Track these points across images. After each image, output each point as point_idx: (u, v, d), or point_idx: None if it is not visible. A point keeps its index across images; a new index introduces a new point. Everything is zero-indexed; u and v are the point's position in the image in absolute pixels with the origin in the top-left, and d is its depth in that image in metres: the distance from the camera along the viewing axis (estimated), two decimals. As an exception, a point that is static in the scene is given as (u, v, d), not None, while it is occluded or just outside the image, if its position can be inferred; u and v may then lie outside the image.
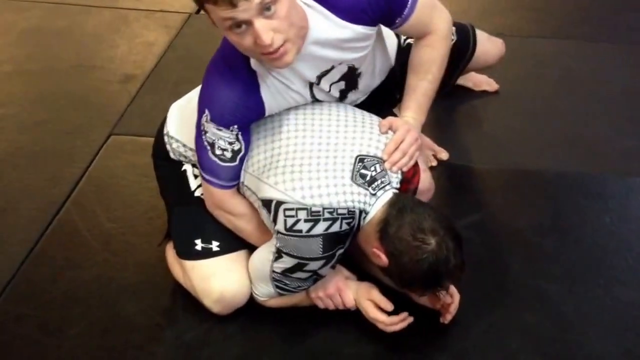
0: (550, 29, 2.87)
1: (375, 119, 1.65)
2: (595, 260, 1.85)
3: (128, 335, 1.65)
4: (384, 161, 1.56)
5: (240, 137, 1.54)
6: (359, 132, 1.59)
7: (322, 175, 1.50)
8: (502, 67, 2.62)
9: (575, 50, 2.73)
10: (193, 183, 1.70)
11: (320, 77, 1.58)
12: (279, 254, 1.53)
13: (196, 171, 1.70)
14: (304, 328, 1.67)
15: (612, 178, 2.12)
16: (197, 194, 1.69)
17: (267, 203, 1.52)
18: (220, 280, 1.63)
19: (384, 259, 1.49)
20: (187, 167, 1.73)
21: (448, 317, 1.64)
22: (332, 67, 1.58)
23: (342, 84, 1.64)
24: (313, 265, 1.53)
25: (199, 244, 1.65)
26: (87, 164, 2.14)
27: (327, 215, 1.47)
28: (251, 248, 1.68)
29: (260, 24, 1.31)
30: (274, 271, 1.56)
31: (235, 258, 1.66)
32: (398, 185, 1.57)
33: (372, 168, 1.54)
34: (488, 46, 2.09)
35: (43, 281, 1.78)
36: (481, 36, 2.05)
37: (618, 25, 2.86)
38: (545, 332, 1.67)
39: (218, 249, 1.65)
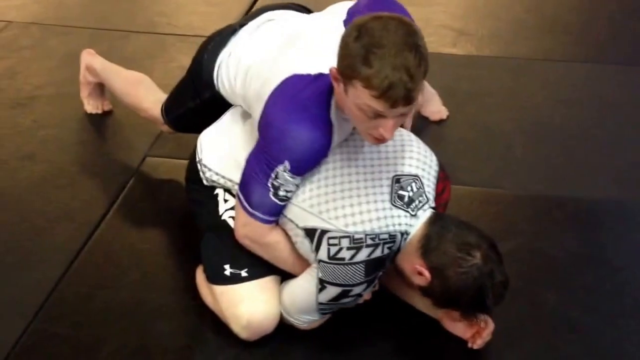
0: (583, 53, 2.81)
1: (405, 134, 1.63)
2: (635, 291, 1.77)
3: (159, 357, 1.62)
4: (420, 179, 1.54)
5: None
6: (392, 151, 1.57)
7: (362, 200, 1.48)
8: (534, 92, 2.57)
9: (609, 74, 2.65)
10: (222, 207, 1.67)
11: None
12: (322, 285, 1.51)
13: (227, 196, 1.68)
14: (334, 350, 1.63)
15: (650, 206, 2.03)
16: (224, 217, 1.66)
17: (310, 232, 1.50)
18: (248, 306, 1.59)
19: (426, 275, 1.46)
20: (220, 192, 1.70)
21: (479, 342, 1.58)
22: None
23: None
24: (357, 290, 1.52)
25: (227, 270, 1.62)
26: (122, 185, 2.13)
27: (369, 241, 1.46)
28: (280, 273, 1.64)
29: (392, 122, 1.37)
30: (320, 302, 1.54)
31: (263, 284, 1.62)
32: (434, 204, 1.55)
33: (409, 188, 1.52)
34: None
35: (77, 301, 1.77)
36: None
37: (653, 48, 2.77)
38: (585, 365, 1.60)
39: (247, 274, 1.62)
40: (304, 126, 1.45)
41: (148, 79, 2.19)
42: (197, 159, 1.71)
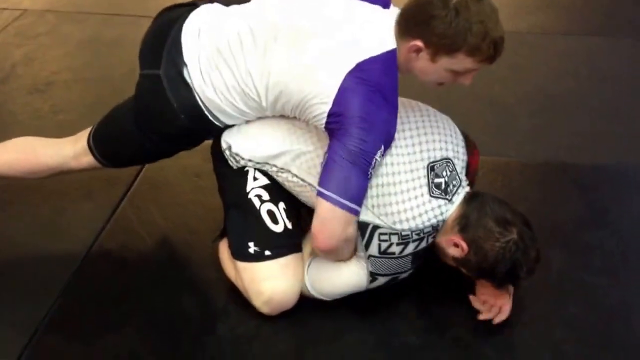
0: (582, 26, 2.80)
1: (431, 112, 1.63)
2: (638, 251, 1.77)
3: (183, 328, 1.63)
4: (451, 160, 1.55)
5: None
6: (422, 133, 1.57)
7: (405, 197, 1.50)
8: (535, 65, 2.56)
9: (607, 47, 2.65)
10: (250, 185, 1.64)
11: None
12: (373, 277, 1.56)
13: (258, 174, 1.64)
14: (351, 322, 1.64)
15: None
16: (250, 195, 1.64)
17: (362, 226, 1.50)
18: (270, 283, 1.59)
19: (464, 247, 1.48)
20: (250, 169, 1.65)
21: (484, 316, 1.60)
22: None
23: None
24: (404, 275, 1.59)
25: (252, 247, 1.61)
26: (141, 165, 2.12)
27: (415, 236, 1.51)
28: (301, 250, 1.63)
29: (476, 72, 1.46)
30: (368, 289, 1.59)
31: (286, 263, 1.62)
32: (467, 183, 1.57)
33: (443, 173, 1.54)
34: None
35: (102, 278, 1.78)
36: None
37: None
38: (590, 323, 1.61)
39: (270, 253, 1.61)
40: (387, 107, 1.45)
41: (27, 137, 1.89)
42: (223, 148, 1.65)
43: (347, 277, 1.58)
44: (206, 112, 1.58)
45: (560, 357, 1.54)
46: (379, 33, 1.46)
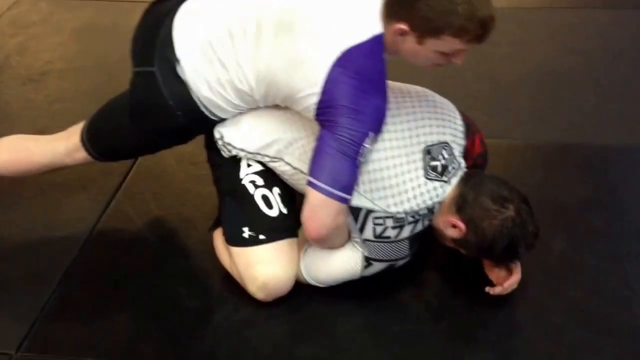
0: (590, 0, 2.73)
1: (430, 94, 1.61)
2: (643, 233, 1.74)
3: (180, 317, 1.62)
4: (449, 144, 1.53)
5: None
6: (419, 118, 1.54)
7: (400, 180, 1.48)
8: (540, 42, 2.50)
9: (616, 20, 2.59)
10: (243, 171, 1.63)
11: None
12: (368, 263, 1.54)
13: (251, 161, 1.63)
14: (347, 309, 1.62)
15: (656, 149, 2.00)
16: (244, 182, 1.62)
17: (355, 210, 1.48)
18: (264, 268, 1.58)
19: (461, 227, 1.47)
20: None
21: (497, 290, 1.55)
22: None
23: None
24: (401, 262, 1.57)
25: (246, 232, 1.60)
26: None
27: (410, 219, 1.49)
28: (297, 236, 1.61)
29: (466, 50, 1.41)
30: (364, 275, 1.57)
31: (280, 247, 1.60)
32: (465, 167, 1.55)
33: (440, 156, 1.51)
34: None
35: (98, 267, 1.77)
36: None
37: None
38: (592, 308, 1.58)
39: (264, 237, 1.59)
40: (376, 94, 1.42)
41: (19, 135, 1.87)
42: (216, 137, 1.62)
43: (341, 262, 1.56)
44: (202, 108, 1.56)
45: (560, 342, 1.51)
46: (366, 18, 1.42)
